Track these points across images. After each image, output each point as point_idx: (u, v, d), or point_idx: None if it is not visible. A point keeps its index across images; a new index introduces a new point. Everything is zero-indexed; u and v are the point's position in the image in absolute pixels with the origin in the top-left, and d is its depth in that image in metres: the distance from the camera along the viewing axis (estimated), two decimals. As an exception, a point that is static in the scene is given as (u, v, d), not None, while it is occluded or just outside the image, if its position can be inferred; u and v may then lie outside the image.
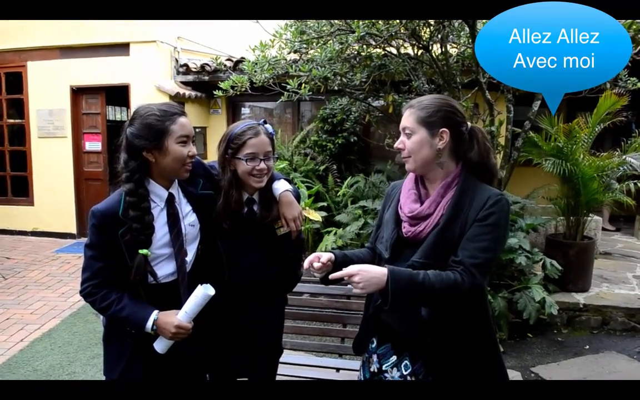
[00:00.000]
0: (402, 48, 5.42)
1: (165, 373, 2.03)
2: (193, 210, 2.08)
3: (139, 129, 1.91)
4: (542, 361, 4.50)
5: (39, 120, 8.78)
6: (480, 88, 5.10)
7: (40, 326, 5.11)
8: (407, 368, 1.93)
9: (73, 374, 4.17)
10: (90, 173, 8.88)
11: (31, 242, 8.59)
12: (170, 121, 1.91)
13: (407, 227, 1.90)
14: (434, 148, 1.85)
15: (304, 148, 7.76)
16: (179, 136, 1.92)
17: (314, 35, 4.89)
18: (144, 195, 1.93)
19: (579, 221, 5.63)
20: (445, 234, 1.80)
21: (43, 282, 6.46)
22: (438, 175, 1.90)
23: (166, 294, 1.99)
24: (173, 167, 1.95)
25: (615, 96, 5.24)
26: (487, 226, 1.78)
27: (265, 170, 2.09)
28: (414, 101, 1.92)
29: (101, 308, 1.94)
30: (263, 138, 2.09)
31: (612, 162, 5.41)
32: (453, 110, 1.88)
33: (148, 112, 1.93)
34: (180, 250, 2.00)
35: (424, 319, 1.82)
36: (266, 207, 2.16)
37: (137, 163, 1.93)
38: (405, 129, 1.89)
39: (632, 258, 6.92)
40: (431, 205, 1.85)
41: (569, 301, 5.21)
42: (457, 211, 1.81)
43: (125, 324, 1.95)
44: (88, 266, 1.94)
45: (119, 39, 8.21)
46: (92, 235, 1.92)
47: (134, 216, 1.89)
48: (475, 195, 1.82)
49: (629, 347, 4.74)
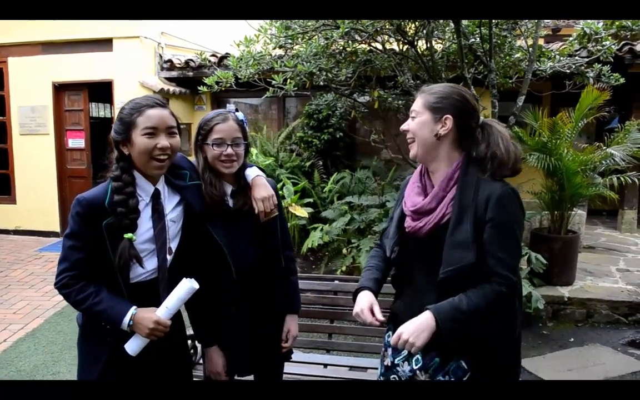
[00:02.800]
0: (387, 44, 5.42)
1: (146, 376, 1.98)
2: (178, 203, 2.05)
3: (116, 122, 1.92)
4: (527, 354, 4.52)
5: (20, 117, 8.66)
6: (465, 83, 5.11)
7: (24, 326, 5.04)
8: (417, 362, 1.89)
9: (58, 373, 4.12)
10: (73, 170, 8.78)
11: (14, 241, 8.48)
12: (138, 113, 1.87)
13: (409, 222, 1.87)
14: (434, 132, 1.82)
15: (289, 144, 7.75)
16: (144, 128, 1.87)
17: (299, 31, 4.87)
18: (128, 181, 1.89)
19: (563, 215, 5.68)
20: (456, 234, 1.75)
21: (26, 282, 6.38)
22: (441, 165, 1.86)
23: (147, 292, 1.94)
24: (141, 160, 1.90)
25: (597, 91, 5.30)
26: (504, 226, 1.74)
27: (233, 156, 2.08)
28: (426, 87, 1.91)
29: (76, 301, 1.86)
30: (231, 124, 2.09)
31: (596, 156, 5.46)
32: (462, 99, 1.84)
33: (126, 105, 1.93)
34: (163, 246, 1.96)
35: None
36: (244, 194, 2.17)
37: (119, 156, 1.92)
38: (412, 111, 1.88)
39: (615, 251, 7.01)
40: (432, 200, 1.82)
41: (553, 294, 5.26)
42: (463, 208, 1.76)
43: (100, 319, 1.88)
44: (66, 257, 1.86)
45: (102, 35, 8.11)
46: (75, 224, 1.85)
47: (119, 200, 1.85)
48: (478, 189, 1.77)
49: (613, 339, 4.80)
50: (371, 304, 1.86)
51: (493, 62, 5.07)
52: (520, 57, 5.47)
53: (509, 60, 5.51)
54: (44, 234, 8.67)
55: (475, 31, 5.13)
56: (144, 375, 1.97)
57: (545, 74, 5.48)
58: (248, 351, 2.21)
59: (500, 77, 5.50)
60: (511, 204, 1.76)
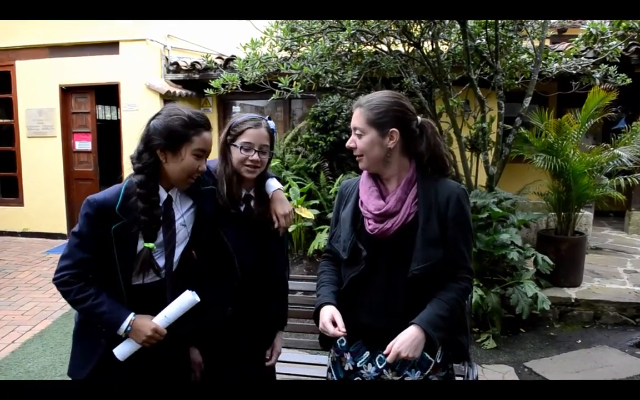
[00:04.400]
0: (393, 45, 5.43)
1: (138, 377, 1.98)
2: (190, 207, 2.06)
3: (163, 125, 1.89)
4: (535, 356, 4.52)
5: (28, 119, 8.71)
6: (472, 85, 5.11)
7: (32, 327, 5.07)
8: (381, 361, 1.94)
9: (65, 375, 4.13)
10: (80, 173, 8.83)
11: (21, 243, 8.53)
12: (194, 131, 1.90)
13: (374, 224, 1.90)
14: (384, 148, 1.88)
15: (295, 146, 7.75)
16: (197, 149, 1.91)
17: (304, 33, 4.89)
18: (154, 188, 1.90)
19: (570, 216, 5.66)
20: (427, 233, 1.84)
21: (34, 283, 6.41)
22: (392, 172, 1.93)
23: (149, 295, 1.95)
24: (178, 176, 1.93)
25: (604, 92, 5.28)
26: (464, 224, 1.91)
27: (258, 163, 2.08)
28: (363, 100, 1.93)
29: (75, 300, 1.86)
30: (262, 131, 2.10)
31: (602, 157, 5.44)
32: (402, 109, 1.90)
33: (177, 114, 1.91)
34: (172, 251, 1.98)
35: (402, 309, 1.87)
36: (262, 204, 2.18)
37: (150, 158, 1.90)
38: (355, 129, 1.91)
39: (622, 253, 6.98)
40: (397, 203, 1.88)
41: (560, 296, 5.24)
42: (428, 207, 1.86)
43: (98, 321, 1.88)
44: (70, 254, 1.86)
45: (108, 38, 8.15)
46: (83, 224, 1.84)
47: (143, 208, 1.85)
48: (437, 190, 1.89)
49: (620, 341, 4.77)
50: (332, 316, 1.90)
51: (499, 63, 5.07)
52: (526, 58, 5.46)
53: (515, 61, 5.50)
54: (51, 236, 8.71)
55: (481, 32, 5.13)
56: (135, 378, 1.97)
57: (551, 75, 5.47)
58: (233, 353, 2.20)
59: (507, 78, 5.50)
60: (467, 203, 1.93)
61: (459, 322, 1.99)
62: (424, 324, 1.80)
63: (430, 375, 1.93)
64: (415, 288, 1.86)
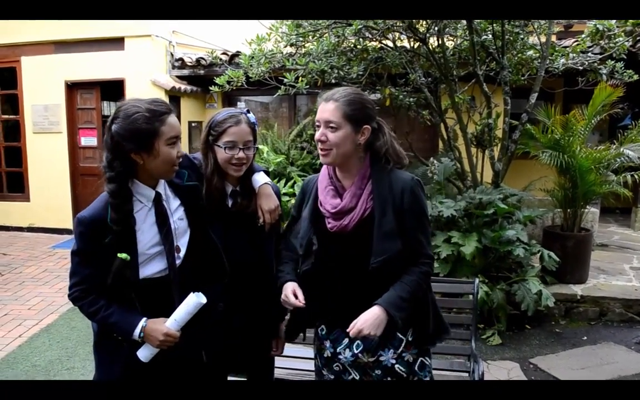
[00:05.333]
0: (399, 41, 5.41)
1: (162, 378, 2.00)
2: (180, 203, 2.04)
3: (127, 130, 1.81)
4: (540, 352, 4.51)
5: (33, 115, 8.73)
6: (478, 80, 5.10)
7: (39, 322, 5.09)
8: (358, 346, 2.04)
9: (72, 369, 4.16)
10: (86, 168, 8.84)
11: (27, 238, 8.57)
12: (159, 122, 1.83)
13: (332, 222, 1.97)
14: (355, 143, 1.94)
15: (300, 142, 7.74)
16: (169, 138, 1.86)
17: (310, 29, 4.88)
18: (127, 196, 1.86)
19: (576, 213, 5.64)
20: (383, 226, 1.91)
21: (40, 278, 6.44)
22: (353, 167, 1.99)
23: (157, 291, 1.95)
24: (162, 169, 1.89)
25: (611, 88, 5.25)
26: (420, 213, 1.98)
27: (244, 160, 2.07)
28: (337, 95, 1.94)
29: (89, 313, 1.91)
30: (244, 127, 2.07)
31: (609, 153, 5.42)
32: (371, 105, 1.98)
33: (136, 112, 1.82)
34: (171, 248, 1.96)
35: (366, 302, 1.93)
36: (246, 197, 2.16)
37: (122, 164, 1.84)
38: (330, 122, 1.91)
39: (628, 249, 6.95)
40: (352, 199, 1.94)
41: (566, 293, 5.23)
42: (383, 201, 1.92)
43: (112, 330, 1.92)
44: (76, 272, 1.90)
45: (113, 34, 8.14)
46: (80, 242, 1.87)
47: (117, 219, 1.82)
48: (391, 182, 1.95)
49: (626, 338, 4.76)
50: (294, 289, 1.99)
51: (505, 59, 5.05)
52: (532, 54, 5.44)
53: (521, 57, 5.48)
54: (57, 231, 8.74)
55: (487, 28, 5.11)
56: (159, 378, 1.99)
57: (557, 71, 5.44)
58: (233, 348, 2.20)
59: (513, 74, 5.47)
60: (421, 193, 1.99)
61: (421, 305, 2.03)
62: (385, 304, 1.88)
63: (403, 353, 2.03)
64: (376, 280, 1.93)
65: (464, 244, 4.60)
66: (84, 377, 4.04)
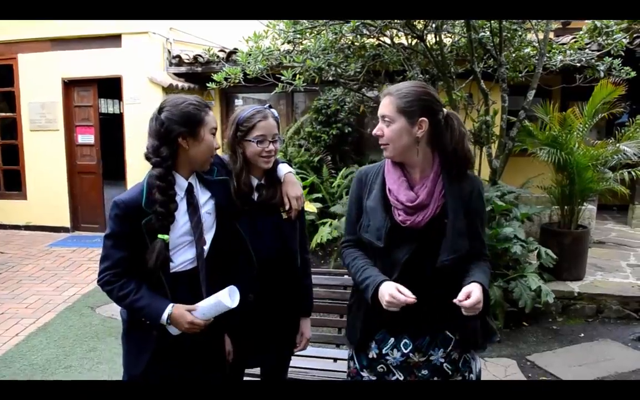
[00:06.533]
0: (396, 38, 5.41)
1: (190, 367, 2.07)
2: (210, 197, 2.12)
3: (178, 115, 1.95)
4: (537, 349, 4.52)
5: (30, 113, 8.71)
6: (475, 77, 5.10)
7: (36, 320, 5.09)
8: (407, 346, 1.99)
9: (69, 367, 4.16)
10: (83, 166, 8.83)
11: (25, 237, 8.55)
12: (204, 112, 1.99)
13: (404, 216, 1.91)
14: (413, 136, 1.89)
15: (298, 139, 7.74)
16: (212, 127, 2.00)
17: (307, 26, 4.87)
18: (172, 182, 1.95)
19: (574, 210, 5.65)
20: (457, 225, 1.89)
21: (37, 276, 6.43)
22: (416, 162, 1.95)
23: (187, 281, 2.02)
24: (203, 157, 2.01)
25: (612, 85, 5.24)
26: (483, 214, 2.02)
27: (273, 152, 2.18)
28: (393, 89, 1.94)
29: (119, 297, 1.95)
30: (271, 121, 2.19)
31: (607, 150, 5.42)
32: (431, 98, 1.92)
33: (185, 101, 1.98)
34: (200, 237, 2.03)
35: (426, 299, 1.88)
36: (271, 188, 2.24)
37: (169, 149, 1.95)
38: (384, 116, 1.92)
39: (625, 246, 6.96)
40: (427, 196, 1.90)
41: (563, 290, 5.23)
42: (456, 200, 1.91)
43: (141, 314, 1.97)
44: (108, 255, 1.95)
45: (110, 31, 8.12)
46: (114, 225, 1.93)
47: (161, 201, 1.90)
48: (461, 181, 1.95)
49: (623, 335, 4.77)
50: (397, 288, 1.84)
51: (503, 56, 5.05)
52: (530, 51, 5.44)
53: (519, 54, 5.48)
54: (54, 230, 8.73)
55: (485, 25, 5.10)
56: (187, 366, 2.06)
57: (555, 68, 5.45)
58: (258, 341, 2.25)
59: (510, 71, 5.48)
60: (483, 196, 2.03)
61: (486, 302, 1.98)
62: (482, 281, 1.85)
63: (451, 352, 2.01)
64: (440, 278, 1.90)
65: (461, 241, 4.59)
66: (81, 375, 4.04)
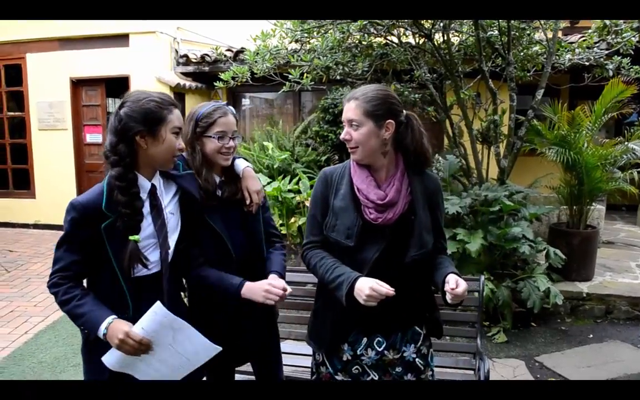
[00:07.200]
0: (404, 37, 5.39)
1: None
2: (176, 193, 2.05)
3: (137, 111, 1.85)
4: (546, 350, 4.49)
5: (39, 112, 8.76)
6: (483, 77, 5.07)
7: (45, 318, 5.11)
8: (380, 344, 2.06)
9: (78, 365, 4.17)
10: (91, 165, 8.86)
11: (33, 235, 8.59)
12: (167, 110, 1.89)
13: (375, 214, 1.96)
14: (380, 138, 1.95)
15: (305, 138, 7.73)
16: (175, 127, 1.91)
17: (314, 25, 4.86)
18: (133, 180, 1.87)
19: (582, 210, 5.61)
20: (423, 221, 2.00)
21: (46, 275, 6.39)
22: (382, 163, 2.01)
23: (149, 286, 1.93)
24: (163, 157, 1.92)
25: (623, 84, 5.20)
26: (443, 210, 2.16)
27: (232, 148, 2.17)
28: (358, 93, 1.98)
29: (62, 301, 1.88)
30: (230, 117, 2.18)
31: (616, 150, 5.38)
32: (395, 101, 2.00)
33: (146, 97, 1.88)
34: (165, 240, 1.95)
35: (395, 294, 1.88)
36: (233, 184, 2.23)
37: (127, 147, 1.85)
38: (352, 121, 1.96)
39: (635, 247, 6.92)
40: (396, 194, 1.97)
41: (572, 290, 5.20)
42: (421, 197, 2.02)
43: (80, 322, 1.86)
44: (60, 257, 1.89)
45: (118, 30, 8.15)
46: (70, 228, 1.86)
47: (123, 202, 1.82)
48: (424, 180, 2.06)
49: (632, 336, 4.74)
50: (376, 281, 1.85)
51: (511, 55, 5.02)
52: (538, 50, 5.40)
53: (527, 53, 5.44)
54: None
55: (493, 24, 5.07)
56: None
57: (563, 67, 5.41)
58: (245, 335, 2.25)
59: (519, 70, 5.44)
60: (442, 192, 2.16)
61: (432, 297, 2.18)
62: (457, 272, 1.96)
63: (421, 347, 2.11)
64: (407, 273, 1.98)
65: (469, 241, 4.57)
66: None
